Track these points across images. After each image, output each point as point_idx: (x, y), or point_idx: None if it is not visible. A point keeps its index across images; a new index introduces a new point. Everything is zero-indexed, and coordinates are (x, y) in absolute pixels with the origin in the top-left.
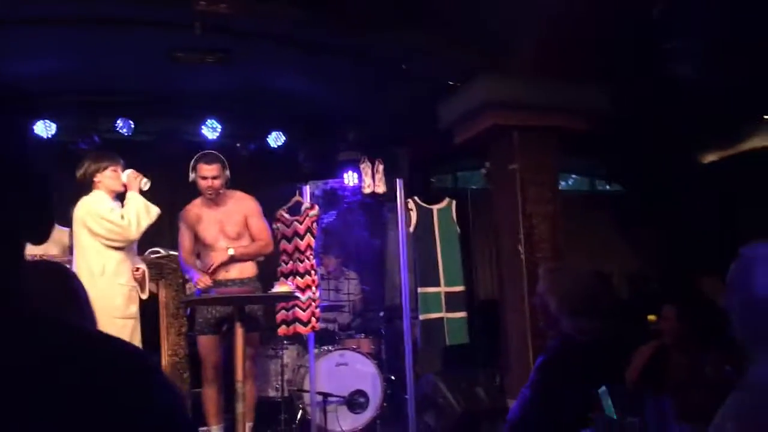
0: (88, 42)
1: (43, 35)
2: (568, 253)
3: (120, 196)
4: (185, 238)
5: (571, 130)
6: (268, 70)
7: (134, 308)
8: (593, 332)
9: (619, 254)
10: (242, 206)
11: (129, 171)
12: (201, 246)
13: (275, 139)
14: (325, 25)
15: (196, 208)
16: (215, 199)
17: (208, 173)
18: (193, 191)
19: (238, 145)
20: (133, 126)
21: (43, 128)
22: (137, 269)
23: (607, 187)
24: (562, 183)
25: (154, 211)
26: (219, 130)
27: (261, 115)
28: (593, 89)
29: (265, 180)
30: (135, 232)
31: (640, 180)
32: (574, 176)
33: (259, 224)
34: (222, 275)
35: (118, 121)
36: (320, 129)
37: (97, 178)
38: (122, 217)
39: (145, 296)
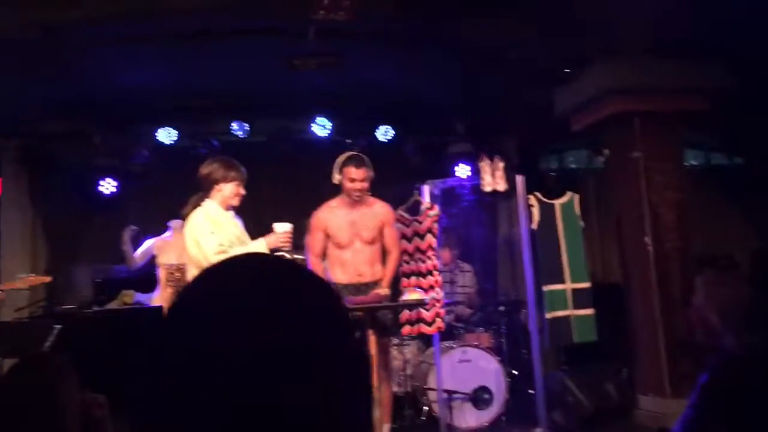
0: (205, 53)
1: (164, 50)
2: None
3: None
4: (316, 241)
5: (694, 112)
6: (374, 66)
7: None
8: (761, 346)
9: (739, 232)
10: (381, 214)
11: (287, 226)
12: (332, 246)
13: (384, 134)
14: (424, 16)
15: (329, 209)
16: (359, 201)
17: (357, 176)
18: (306, 188)
19: (348, 141)
20: (248, 128)
21: (166, 135)
22: None
23: (722, 160)
24: None
25: None
26: (329, 127)
27: (369, 110)
28: (715, 66)
29: (378, 178)
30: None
31: (764, 149)
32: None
33: (394, 235)
34: (356, 279)
35: (234, 124)
36: (428, 122)
37: (219, 186)
38: (220, 245)
39: None
